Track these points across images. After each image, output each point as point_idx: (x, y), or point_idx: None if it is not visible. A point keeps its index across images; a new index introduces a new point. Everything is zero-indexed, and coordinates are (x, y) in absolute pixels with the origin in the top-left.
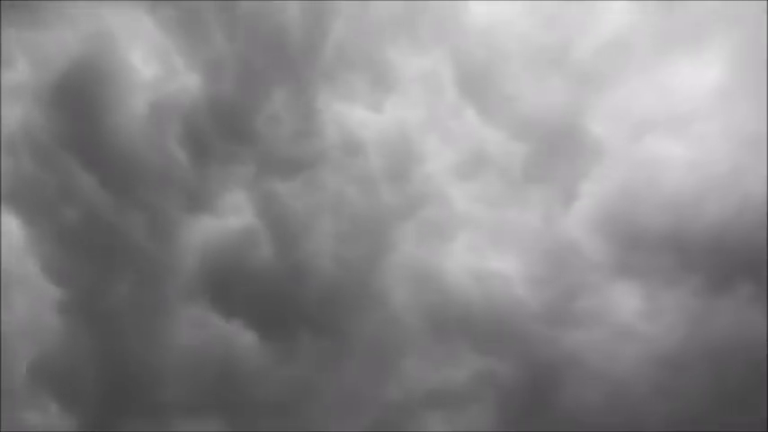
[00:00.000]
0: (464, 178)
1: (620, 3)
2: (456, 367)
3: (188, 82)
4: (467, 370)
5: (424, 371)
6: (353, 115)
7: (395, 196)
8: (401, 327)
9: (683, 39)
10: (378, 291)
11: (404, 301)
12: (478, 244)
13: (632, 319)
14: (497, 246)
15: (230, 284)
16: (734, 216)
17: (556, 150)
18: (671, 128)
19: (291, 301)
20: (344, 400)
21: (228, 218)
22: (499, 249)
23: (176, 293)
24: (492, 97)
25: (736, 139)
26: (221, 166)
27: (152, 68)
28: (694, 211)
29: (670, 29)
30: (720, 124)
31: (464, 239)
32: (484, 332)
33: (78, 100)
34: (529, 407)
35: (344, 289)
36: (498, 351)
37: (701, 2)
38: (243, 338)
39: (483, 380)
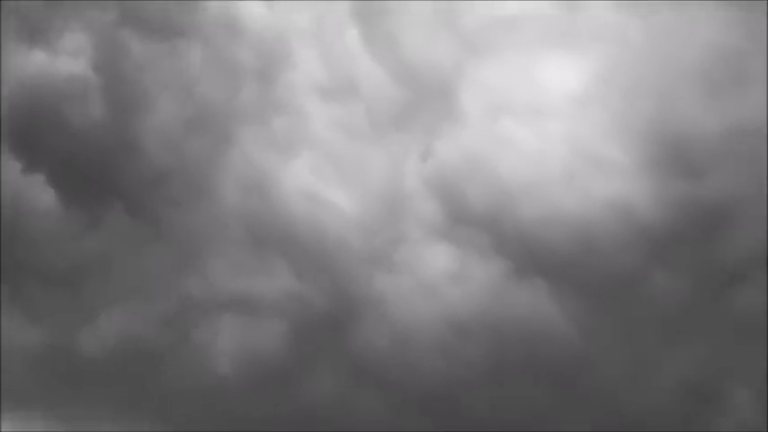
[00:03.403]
0: (329, 100)
1: None
2: (266, 281)
3: None
4: (275, 286)
5: (233, 276)
6: None
7: (254, 95)
8: (222, 227)
9: (569, 39)
10: (207, 186)
11: (231, 203)
12: (322, 169)
13: (439, 279)
14: (340, 177)
15: (41, 133)
16: (546, 218)
17: (424, 105)
18: (526, 117)
19: (110, 172)
20: (139, 286)
21: (63, 60)
22: (340, 181)
23: None
24: (382, 33)
25: (575, 149)
26: (76, 4)
27: None
28: (518, 203)
29: (562, 26)
30: (567, 130)
31: (309, 160)
32: (303, 255)
33: None
34: (323, 336)
35: (172, 175)
36: (311, 276)
37: (602, 10)
38: (41, 195)
39: (289, 299)
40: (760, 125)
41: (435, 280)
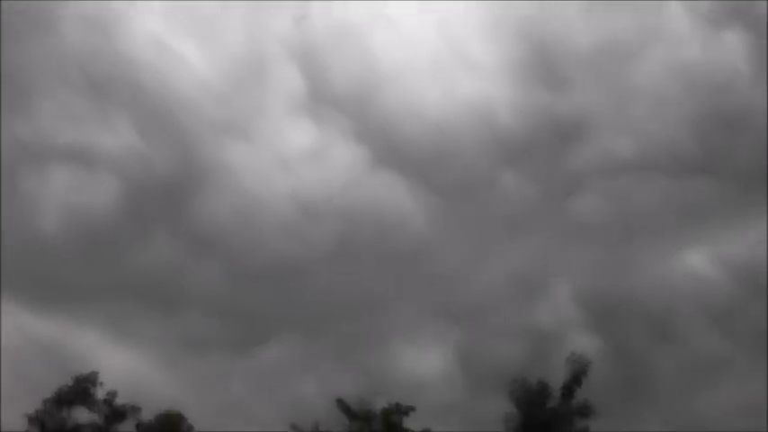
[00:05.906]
0: None
1: None
2: (104, 133)
3: None
4: (114, 140)
5: (66, 123)
6: None
7: None
8: (57, 66)
9: None
10: (43, 18)
11: (70, 40)
12: (175, 17)
13: (296, 155)
14: (195, 29)
15: None
16: (409, 111)
17: None
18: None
19: None
20: None
21: None
22: (196, 34)
23: None
24: None
25: (446, 40)
26: None
27: None
28: (384, 89)
29: None
30: (442, 18)
31: (161, 4)
32: (147, 109)
33: None
34: (163, 199)
35: (2, 3)
36: (157, 137)
37: None
38: None
39: (128, 156)
40: (627, 46)
41: (290, 157)
